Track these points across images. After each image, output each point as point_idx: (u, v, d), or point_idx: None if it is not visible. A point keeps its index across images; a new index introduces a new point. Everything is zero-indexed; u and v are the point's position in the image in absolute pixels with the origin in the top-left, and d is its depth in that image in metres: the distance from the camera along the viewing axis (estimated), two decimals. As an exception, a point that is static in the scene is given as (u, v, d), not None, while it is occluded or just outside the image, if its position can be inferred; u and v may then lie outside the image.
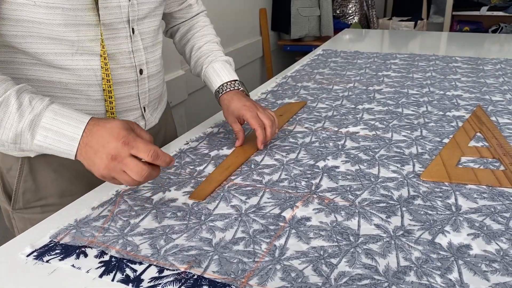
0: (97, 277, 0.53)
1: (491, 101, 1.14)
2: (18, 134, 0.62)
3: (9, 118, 0.62)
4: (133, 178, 0.62)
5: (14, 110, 0.62)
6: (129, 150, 0.61)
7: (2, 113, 0.62)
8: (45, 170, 0.80)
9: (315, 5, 3.08)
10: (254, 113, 0.85)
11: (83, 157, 0.63)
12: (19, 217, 0.84)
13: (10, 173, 0.81)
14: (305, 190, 0.72)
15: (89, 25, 0.73)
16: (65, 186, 0.81)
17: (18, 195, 0.81)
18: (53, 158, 0.75)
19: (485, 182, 0.73)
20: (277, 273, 0.53)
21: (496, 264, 0.54)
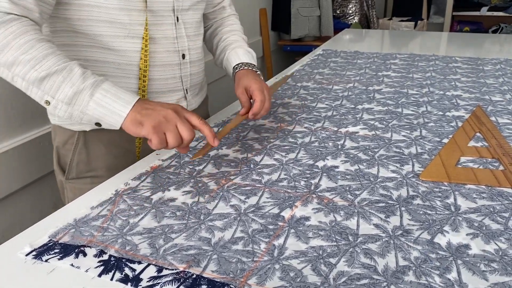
0: (96, 276, 0.53)
1: (491, 101, 1.14)
2: (78, 92, 0.70)
3: (72, 79, 0.70)
4: (181, 135, 0.70)
5: (79, 73, 0.71)
6: (184, 113, 0.72)
7: (66, 74, 0.70)
8: (97, 144, 0.91)
9: (315, 5, 3.08)
10: (261, 88, 0.91)
11: (136, 114, 0.70)
12: (70, 187, 0.93)
13: (65, 147, 0.92)
14: (304, 190, 0.72)
15: (139, 10, 0.84)
16: (112, 161, 0.92)
17: (72, 166, 0.92)
18: (104, 134, 0.89)
19: (484, 182, 0.73)
20: (276, 273, 0.53)
21: (495, 264, 0.54)
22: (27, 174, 1.25)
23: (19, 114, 1.23)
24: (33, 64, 0.69)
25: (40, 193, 1.33)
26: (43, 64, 0.69)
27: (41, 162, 1.30)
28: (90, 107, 0.71)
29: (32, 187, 1.29)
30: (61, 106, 0.71)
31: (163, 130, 0.69)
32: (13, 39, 0.69)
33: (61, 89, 0.70)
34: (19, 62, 0.69)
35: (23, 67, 0.69)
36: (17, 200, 1.25)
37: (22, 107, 1.24)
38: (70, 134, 0.91)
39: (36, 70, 0.69)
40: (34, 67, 0.69)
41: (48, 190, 1.35)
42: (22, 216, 1.27)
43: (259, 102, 0.89)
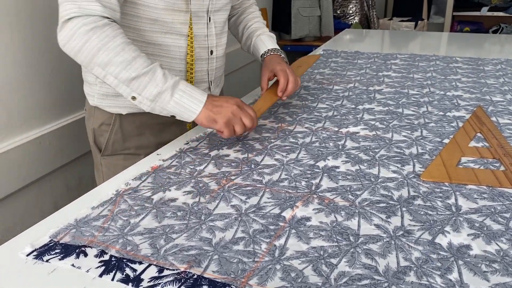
0: (97, 276, 0.53)
1: (492, 102, 1.14)
2: (161, 92, 0.82)
3: (156, 80, 0.82)
4: (246, 124, 0.86)
5: (161, 75, 0.82)
6: (244, 106, 0.88)
7: (151, 75, 0.82)
8: (130, 126, 1.02)
9: (316, 5, 3.08)
10: (285, 70, 1.05)
11: (209, 112, 0.84)
12: (105, 163, 1.05)
13: (101, 127, 1.03)
14: (305, 190, 0.72)
15: (181, 11, 0.95)
16: (142, 140, 1.03)
17: (109, 145, 1.03)
18: (136, 117, 1.01)
19: (485, 183, 0.73)
20: (277, 273, 0.53)
21: (496, 265, 0.54)
22: (28, 174, 1.25)
23: (19, 114, 1.23)
24: (124, 66, 0.80)
25: (41, 193, 1.33)
26: (132, 66, 0.81)
27: (42, 162, 1.29)
28: (170, 105, 0.83)
29: (32, 187, 1.29)
30: (145, 102, 0.83)
31: (232, 124, 0.85)
32: (107, 42, 0.80)
33: (147, 89, 0.82)
34: (113, 63, 0.80)
35: (115, 68, 0.80)
36: (17, 200, 1.25)
37: (23, 107, 1.24)
38: (106, 116, 1.01)
39: (127, 71, 0.80)
40: (125, 68, 0.80)
41: (48, 190, 1.35)
42: (22, 216, 1.27)
43: (283, 79, 1.03)
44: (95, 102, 1.01)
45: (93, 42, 0.79)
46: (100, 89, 0.99)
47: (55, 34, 0.81)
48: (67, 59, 1.34)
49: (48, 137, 1.31)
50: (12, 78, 1.19)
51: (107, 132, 1.03)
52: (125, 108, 1.00)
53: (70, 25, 0.80)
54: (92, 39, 0.79)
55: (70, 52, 0.82)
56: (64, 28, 0.80)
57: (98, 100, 1.01)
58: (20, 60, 1.21)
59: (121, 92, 0.83)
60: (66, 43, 0.81)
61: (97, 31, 0.79)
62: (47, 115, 1.32)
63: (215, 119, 0.84)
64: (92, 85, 1.01)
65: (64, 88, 1.37)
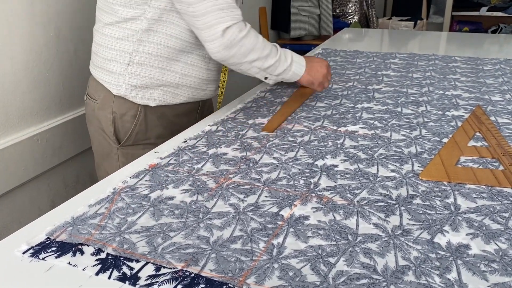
0: (94, 274, 0.53)
1: (491, 101, 1.14)
2: (286, 69, 1.05)
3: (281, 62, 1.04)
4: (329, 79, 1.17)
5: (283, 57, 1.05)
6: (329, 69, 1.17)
7: (279, 60, 1.03)
8: (153, 116, 1.07)
9: (315, 4, 3.07)
10: None
11: (308, 76, 1.11)
12: (123, 153, 1.08)
13: (123, 118, 1.05)
14: (304, 189, 0.72)
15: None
16: (161, 130, 1.09)
17: (132, 135, 1.07)
18: (158, 108, 1.06)
19: (484, 182, 0.73)
20: (275, 272, 0.53)
21: (495, 264, 0.54)
22: (25, 171, 1.25)
23: (17, 111, 1.22)
24: (266, 59, 1.00)
25: (38, 191, 1.32)
26: (270, 58, 1.01)
27: (39, 159, 1.29)
28: (288, 75, 1.07)
29: (30, 184, 1.29)
30: (273, 78, 1.06)
31: (323, 83, 1.15)
32: (256, 44, 0.98)
33: (277, 70, 1.04)
34: (259, 59, 0.99)
35: (260, 61, 1.00)
36: (14, 198, 1.25)
37: (20, 105, 1.23)
38: (130, 106, 1.05)
39: (267, 62, 1.01)
40: (266, 60, 1.01)
41: (46, 187, 1.35)
42: (19, 213, 1.26)
43: None
44: (122, 91, 1.03)
45: (246, 46, 0.96)
46: (130, 80, 1.02)
47: (53, 31, 0.81)
48: (65, 57, 1.34)
49: (46, 135, 1.31)
50: (9, 76, 1.19)
51: (131, 123, 1.05)
52: (154, 101, 1.05)
53: (229, 33, 0.93)
54: (245, 43, 0.96)
55: (225, 56, 0.96)
56: (224, 36, 0.93)
57: (125, 91, 1.03)
58: (18, 58, 1.20)
59: (257, 76, 1.04)
60: (223, 49, 0.94)
61: (248, 36, 0.96)
62: (44, 113, 1.31)
63: (313, 82, 1.13)
64: (120, 75, 1.02)
65: (62, 86, 1.36)
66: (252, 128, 0.99)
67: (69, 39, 1.35)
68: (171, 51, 1.01)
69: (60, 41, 1.32)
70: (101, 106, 1.07)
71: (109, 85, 1.04)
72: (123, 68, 1.01)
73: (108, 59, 1.03)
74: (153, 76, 1.03)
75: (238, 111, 1.10)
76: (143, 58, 1.01)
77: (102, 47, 1.04)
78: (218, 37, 0.93)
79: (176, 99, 1.08)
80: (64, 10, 1.32)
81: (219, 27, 0.92)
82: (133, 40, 0.99)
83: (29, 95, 1.25)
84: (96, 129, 1.10)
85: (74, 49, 1.37)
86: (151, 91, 1.04)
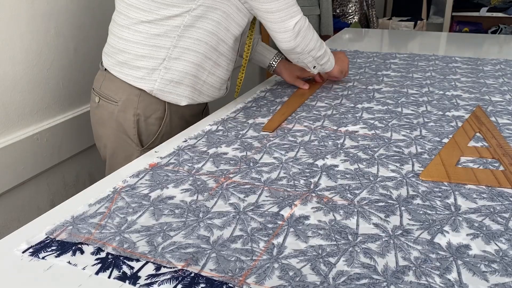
0: (93, 274, 0.53)
1: (491, 102, 1.14)
2: (329, 59, 1.19)
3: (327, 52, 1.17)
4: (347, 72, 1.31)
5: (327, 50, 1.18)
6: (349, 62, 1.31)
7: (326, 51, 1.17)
8: (176, 117, 1.08)
9: (315, 4, 3.07)
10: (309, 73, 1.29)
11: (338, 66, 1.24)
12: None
13: (148, 120, 1.05)
14: (304, 189, 0.72)
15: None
16: (179, 131, 1.03)
17: (158, 137, 1.07)
18: (179, 108, 1.07)
19: (485, 182, 0.73)
20: (275, 272, 0.52)
21: (495, 265, 0.54)
22: (25, 170, 1.25)
23: (16, 110, 1.22)
24: (318, 49, 1.12)
25: (38, 190, 1.32)
26: (321, 48, 1.14)
27: (39, 158, 1.29)
28: (328, 64, 1.19)
29: (29, 183, 1.28)
30: (318, 66, 1.17)
31: (346, 70, 1.29)
32: (314, 34, 1.11)
33: (323, 60, 1.17)
34: (315, 48, 1.11)
35: (315, 51, 1.12)
36: (14, 197, 1.24)
37: (20, 104, 1.23)
38: (157, 108, 1.05)
39: (319, 51, 1.13)
40: (319, 51, 1.13)
41: (45, 187, 1.34)
42: (19, 213, 1.26)
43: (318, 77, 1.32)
44: (156, 86, 1.01)
45: (308, 35, 1.08)
46: (165, 75, 1.01)
47: (53, 30, 0.81)
48: (65, 56, 1.34)
49: (46, 134, 1.30)
50: (9, 75, 1.19)
51: (157, 125, 1.06)
52: (185, 98, 1.06)
53: (298, 25, 1.04)
54: (308, 34, 1.08)
55: (293, 45, 1.06)
56: (296, 27, 1.04)
57: (159, 85, 1.01)
58: (18, 57, 1.20)
59: (308, 64, 1.14)
60: (292, 40, 1.05)
61: (309, 27, 1.08)
62: (44, 112, 1.31)
63: (342, 70, 1.26)
64: (154, 70, 1.00)
65: (62, 85, 1.36)
66: (252, 127, 0.99)
67: (69, 38, 1.35)
68: (207, 47, 1.02)
69: (60, 40, 1.32)
70: (122, 108, 1.03)
71: (140, 82, 1.01)
72: (158, 63, 1.00)
73: (141, 55, 1.00)
74: (188, 71, 1.02)
75: (238, 110, 1.10)
76: (180, 53, 1.00)
77: (134, 44, 0.99)
78: (290, 29, 1.03)
79: (201, 98, 1.09)
80: (64, 9, 1.32)
81: (292, 21, 1.03)
82: (173, 36, 0.98)
83: (29, 94, 1.25)
84: (115, 132, 1.07)
85: (74, 48, 1.37)
86: (184, 88, 1.03)
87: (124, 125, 1.05)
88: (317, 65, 1.16)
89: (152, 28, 0.98)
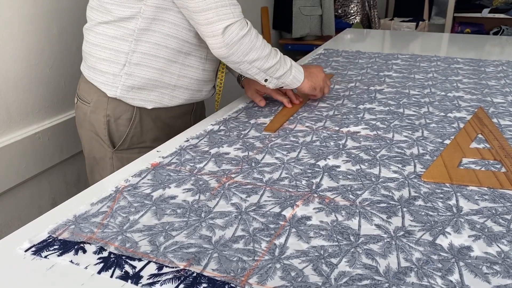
0: (96, 273, 0.53)
1: (493, 103, 1.14)
2: (286, 72, 1.03)
3: (282, 64, 1.02)
4: (329, 85, 1.15)
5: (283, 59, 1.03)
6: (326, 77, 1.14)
7: (280, 62, 1.01)
8: (148, 119, 1.05)
9: (317, 4, 3.07)
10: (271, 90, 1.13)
11: (310, 82, 1.08)
12: (119, 157, 1.06)
13: (118, 121, 1.03)
14: (306, 189, 0.72)
15: None
16: (157, 133, 1.07)
17: (127, 139, 1.05)
18: (153, 111, 1.04)
19: (487, 184, 0.73)
20: (277, 272, 0.53)
21: (497, 266, 0.54)
22: (26, 169, 1.25)
23: (18, 109, 1.22)
24: (266, 59, 0.98)
25: (40, 189, 1.32)
26: (271, 58, 0.99)
27: (41, 157, 1.29)
28: (289, 79, 1.04)
29: (31, 182, 1.29)
30: (273, 81, 1.02)
31: (322, 86, 1.12)
32: (256, 42, 0.96)
33: (277, 72, 1.01)
34: (260, 59, 0.97)
35: (260, 62, 0.98)
36: (16, 196, 1.25)
37: (22, 103, 1.23)
38: (126, 109, 1.02)
39: (268, 62, 0.99)
40: (267, 61, 0.98)
41: (47, 185, 1.35)
42: (21, 211, 1.27)
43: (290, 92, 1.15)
44: (118, 93, 1.00)
45: (246, 44, 0.94)
46: (126, 81, 0.99)
47: (55, 29, 0.81)
48: (67, 55, 1.34)
49: (48, 133, 1.31)
50: (11, 73, 1.19)
51: (126, 126, 1.03)
52: (150, 103, 1.02)
53: (230, 30, 0.91)
54: (246, 42, 0.94)
55: (225, 54, 0.94)
56: (225, 33, 0.91)
57: (121, 92, 1.00)
58: (20, 56, 1.20)
59: (257, 78, 1.01)
60: (223, 46, 0.92)
61: (248, 35, 0.94)
62: (46, 111, 1.31)
63: (315, 87, 1.10)
64: (115, 76, 0.99)
65: (64, 84, 1.36)
66: (254, 128, 0.99)
67: (71, 37, 1.35)
68: (169, 51, 0.99)
69: (62, 39, 1.32)
70: (94, 109, 1.03)
71: (104, 87, 1.01)
72: (119, 68, 0.98)
73: (103, 59, 0.99)
74: (151, 77, 1.00)
75: (240, 110, 1.10)
76: (140, 59, 0.98)
77: (96, 46, 1.00)
78: (219, 34, 0.91)
79: (173, 101, 1.05)
80: (66, 8, 1.32)
81: (221, 24, 0.90)
82: (130, 40, 0.96)
83: (31, 93, 1.25)
84: (88, 133, 1.07)
85: (76, 47, 1.37)
86: (147, 93, 1.01)
87: (95, 126, 1.04)
88: (271, 79, 1.01)
89: (109, 29, 0.97)
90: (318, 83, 1.09)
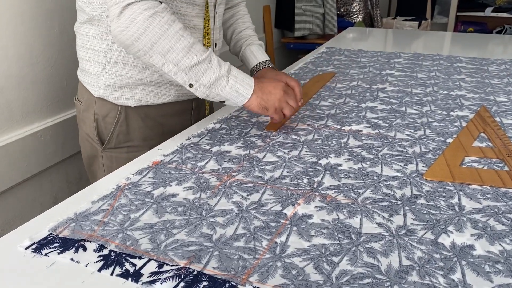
0: (96, 271, 0.53)
1: (495, 102, 1.13)
2: (218, 79, 0.84)
3: (213, 67, 0.83)
4: (293, 106, 0.92)
5: (216, 61, 0.84)
6: (289, 90, 0.93)
7: (208, 62, 0.83)
8: (135, 118, 1.00)
9: (319, 3, 3.06)
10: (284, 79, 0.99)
11: (260, 100, 0.88)
12: (107, 156, 1.03)
13: (106, 119, 1.00)
14: (307, 188, 0.72)
15: (194, 4, 0.94)
16: (147, 132, 1.02)
17: (113, 137, 1.01)
18: (141, 109, 0.99)
19: (489, 183, 0.72)
20: (278, 270, 0.52)
21: (499, 265, 0.53)
22: (28, 168, 1.25)
23: (20, 107, 1.22)
24: (185, 52, 0.81)
25: (41, 187, 1.32)
26: (192, 52, 0.81)
27: (42, 156, 1.29)
28: (225, 91, 0.85)
29: (32, 181, 1.29)
30: (202, 89, 0.84)
31: (281, 109, 0.91)
32: (168, 28, 0.79)
33: (204, 76, 0.83)
34: (174, 50, 0.80)
35: (176, 55, 0.80)
36: (17, 194, 1.25)
37: (23, 101, 1.23)
38: (111, 107, 0.99)
39: (188, 58, 0.81)
40: (186, 55, 0.81)
41: (48, 184, 1.35)
42: (22, 209, 1.27)
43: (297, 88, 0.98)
44: (101, 93, 0.98)
45: (155, 28, 0.78)
46: (108, 80, 0.97)
47: (57, 28, 0.81)
48: (68, 53, 1.34)
49: (49, 131, 1.31)
50: (13, 72, 1.19)
51: (112, 124, 1.01)
52: (134, 101, 0.99)
53: (130, 11, 0.77)
54: (153, 25, 0.78)
55: (127, 40, 0.79)
56: (123, 14, 0.77)
57: (104, 92, 0.98)
58: (22, 54, 1.20)
59: (178, 80, 0.84)
60: (124, 30, 0.78)
61: (157, 17, 0.78)
62: (47, 109, 1.31)
63: (266, 107, 0.89)
64: (98, 75, 0.97)
65: (65, 82, 1.36)
66: (255, 126, 0.98)
67: (73, 36, 1.35)
68: None
69: (64, 38, 1.32)
70: (85, 108, 1.03)
71: (90, 87, 1.00)
72: (101, 68, 0.96)
73: (87, 60, 0.98)
74: (131, 75, 0.96)
75: (242, 109, 1.10)
76: (119, 57, 0.94)
77: (81, 47, 0.99)
78: (119, 15, 0.77)
79: (160, 99, 1.01)
80: (68, 6, 1.32)
81: (122, 3, 0.77)
82: (107, 38, 0.93)
83: (33, 91, 1.25)
84: (82, 132, 1.07)
85: (78, 46, 1.37)
86: (130, 91, 0.98)
87: (87, 125, 1.04)
88: (197, 85, 0.84)
89: (89, 29, 0.96)
90: (271, 103, 0.89)
